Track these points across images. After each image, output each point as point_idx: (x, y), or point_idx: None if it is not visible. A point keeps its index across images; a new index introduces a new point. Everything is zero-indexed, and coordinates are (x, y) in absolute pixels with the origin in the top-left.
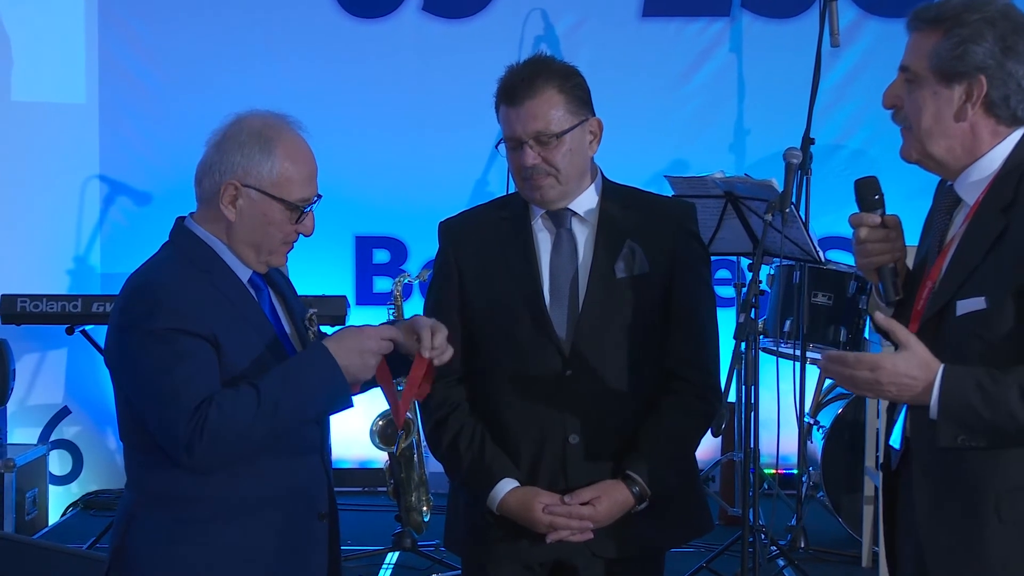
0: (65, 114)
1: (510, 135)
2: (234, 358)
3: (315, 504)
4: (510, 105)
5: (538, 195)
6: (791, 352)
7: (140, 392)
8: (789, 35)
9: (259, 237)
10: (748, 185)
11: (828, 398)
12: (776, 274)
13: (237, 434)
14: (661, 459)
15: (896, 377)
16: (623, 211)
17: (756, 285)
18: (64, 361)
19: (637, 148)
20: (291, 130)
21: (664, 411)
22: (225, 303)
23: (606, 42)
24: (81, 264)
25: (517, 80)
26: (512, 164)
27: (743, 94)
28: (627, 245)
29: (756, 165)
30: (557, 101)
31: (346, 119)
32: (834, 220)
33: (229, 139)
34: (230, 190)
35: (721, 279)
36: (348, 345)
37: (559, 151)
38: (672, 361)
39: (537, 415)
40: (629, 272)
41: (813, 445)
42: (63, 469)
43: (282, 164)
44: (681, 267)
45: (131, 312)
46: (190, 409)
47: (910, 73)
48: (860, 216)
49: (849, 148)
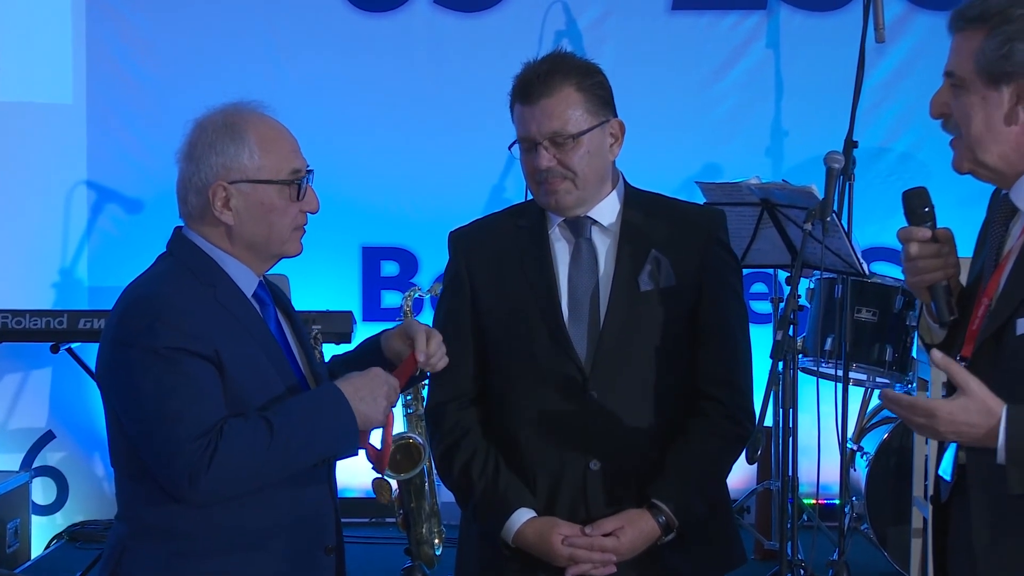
0: (50, 115)
1: (524, 135)
2: (238, 379)
3: (322, 537)
4: (525, 103)
5: (553, 200)
6: (832, 372)
7: (137, 416)
8: (831, 29)
9: (266, 230)
10: (786, 192)
11: (872, 422)
12: (816, 288)
13: (247, 468)
14: (689, 486)
15: (954, 425)
16: (647, 219)
17: (795, 300)
18: (48, 382)
19: (666, 152)
20: (254, 111)
21: (693, 434)
22: (229, 320)
23: (633, 37)
24: (67, 277)
25: (533, 77)
26: (526, 167)
27: (781, 93)
28: (652, 256)
29: (794, 170)
30: (575, 100)
31: (352, 120)
32: (879, 229)
33: (197, 145)
34: (219, 193)
35: (756, 293)
36: (361, 388)
37: (576, 153)
38: (701, 380)
39: (556, 439)
40: (654, 284)
41: (856, 473)
42: (47, 498)
43: (259, 146)
44: (710, 279)
45: (129, 327)
46: (193, 436)
47: (955, 78)
48: (909, 230)
49: (895, 151)
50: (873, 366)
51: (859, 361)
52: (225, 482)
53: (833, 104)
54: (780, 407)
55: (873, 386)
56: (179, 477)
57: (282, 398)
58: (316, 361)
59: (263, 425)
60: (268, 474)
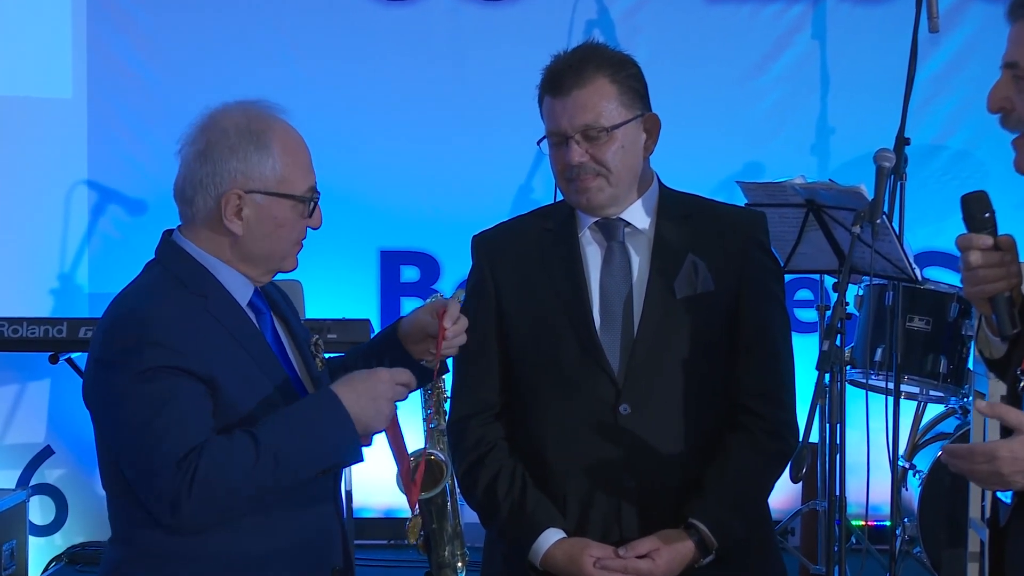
0: (47, 110)
1: (555, 129)
2: (236, 399)
3: (328, 559)
4: (556, 95)
5: (584, 199)
6: (883, 385)
7: (119, 438)
8: (880, 18)
9: (271, 244)
10: (833, 192)
11: (926, 438)
12: (865, 295)
13: (230, 488)
14: (729, 506)
15: (1018, 464)
16: (683, 222)
17: (842, 308)
18: (47, 394)
19: (705, 150)
20: (277, 118)
21: (732, 450)
22: (223, 335)
23: (669, 28)
24: (66, 283)
25: (564, 67)
26: (556, 163)
27: (827, 87)
28: (688, 260)
29: (842, 169)
30: (609, 92)
31: (368, 116)
32: (932, 232)
33: (215, 145)
34: (233, 201)
35: (801, 300)
36: (360, 390)
37: (610, 148)
38: (741, 393)
39: (587, 455)
40: (691, 291)
41: (908, 493)
42: (45, 518)
43: (283, 158)
44: (751, 285)
45: (113, 346)
46: (176, 459)
47: (1018, 69)
48: (969, 238)
49: (950, 149)
50: (926, 378)
51: (911, 373)
52: (209, 504)
53: (883, 99)
54: (827, 422)
55: (926, 400)
56: (161, 502)
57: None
58: (316, 369)
59: (248, 441)
60: (259, 491)
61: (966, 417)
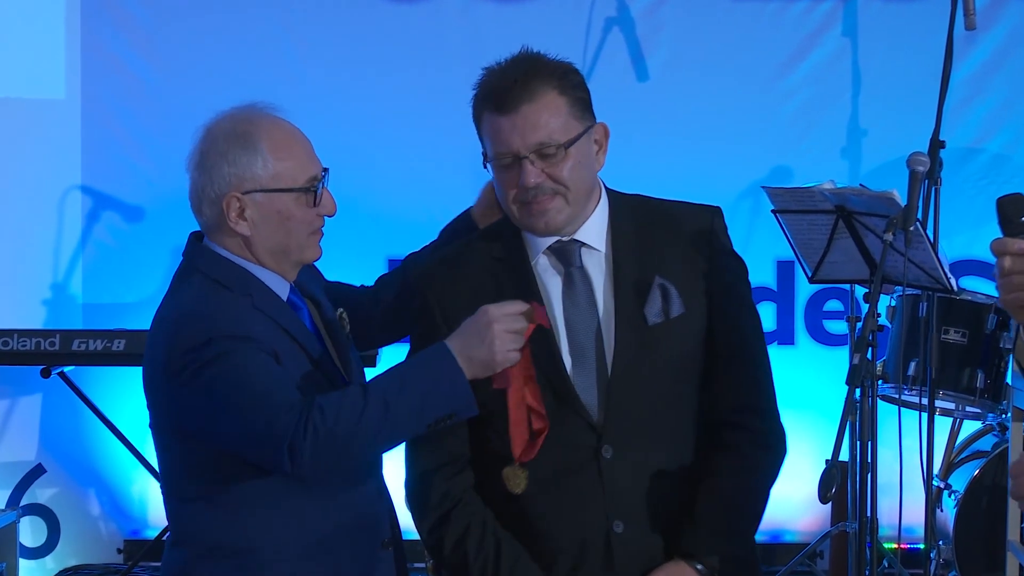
0: (40, 111)
1: (504, 150)
2: (296, 382)
3: (377, 533)
4: (502, 112)
5: (543, 222)
6: (916, 401)
7: (224, 417)
8: (914, 15)
9: (283, 238)
10: (864, 198)
11: (962, 457)
12: (898, 306)
13: (345, 433)
14: (725, 533)
15: None
16: (640, 232)
17: (874, 319)
18: (38, 410)
19: (729, 154)
20: (265, 115)
21: (723, 473)
22: (275, 328)
23: (692, 25)
24: (59, 293)
25: (509, 82)
26: (505, 187)
27: (858, 87)
28: (657, 283)
29: (874, 173)
30: (559, 105)
31: (378, 121)
32: (969, 240)
33: (207, 154)
34: (233, 204)
35: (831, 312)
36: (469, 333)
37: (566, 165)
38: (724, 409)
39: (571, 503)
40: (664, 316)
41: (943, 514)
42: (37, 540)
43: (273, 154)
44: (721, 295)
45: (181, 353)
46: (287, 405)
47: None
48: (1004, 242)
49: (987, 152)
50: (962, 393)
51: (946, 388)
52: (325, 447)
53: (917, 99)
54: (858, 439)
55: (962, 416)
56: (278, 452)
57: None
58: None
59: (357, 389)
60: (370, 438)
61: (1004, 434)
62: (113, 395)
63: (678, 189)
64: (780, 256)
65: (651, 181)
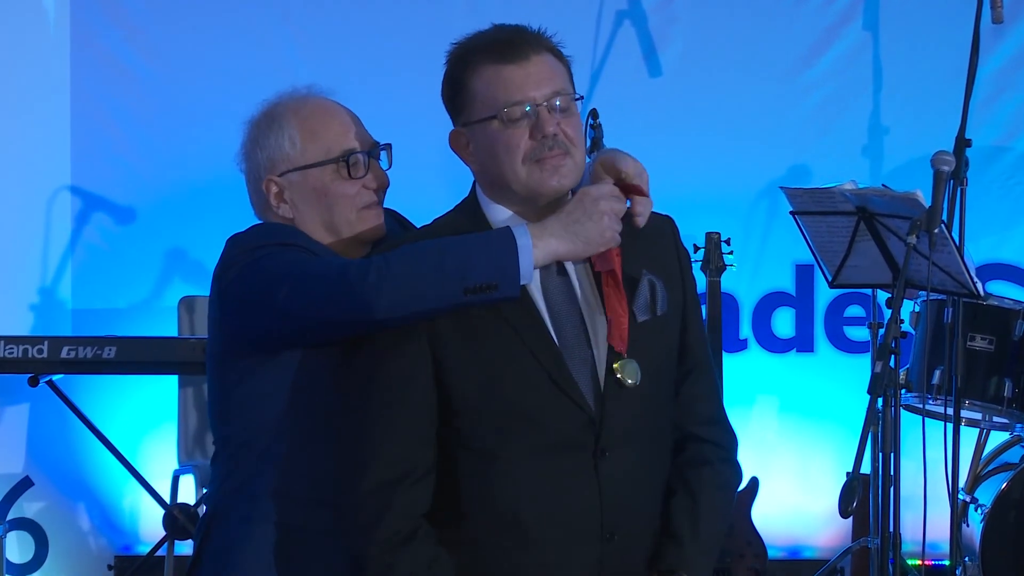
0: (27, 108)
1: (519, 98)
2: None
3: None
4: (513, 61)
5: (555, 179)
6: (941, 411)
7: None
8: (939, 8)
9: (327, 216)
10: (887, 199)
11: (989, 469)
12: (922, 312)
13: (405, 269)
14: (706, 551)
15: None
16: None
17: (897, 326)
18: (26, 420)
19: (745, 152)
20: (299, 97)
21: (702, 490)
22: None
23: (706, 18)
24: (48, 298)
25: (510, 35)
26: (512, 144)
27: (880, 83)
28: (646, 280)
29: (896, 173)
30: (559, 64)
31: (383, 111)
32: (996, 243)
33: (246, 143)
34: (272, 188)
35: (852, 318)
36: (574, 208)
37: (574, 123)
38: (692, 421)
39: (564, 510)
40: (651, 312)
41: (970, 529)
42: (24, 555)
43: (300, 130)
44: (690, 301)
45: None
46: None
47: None
48: None
49: (1015, 151)
50: (989, 403)
51: (972, 397)
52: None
53: (942, 96)
54: (880, 451)
55: (989, 426)
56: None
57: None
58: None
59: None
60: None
61: None
62: (104, 405)
63: (692, 190)
64: (799, 259)
65: (664, 181)
